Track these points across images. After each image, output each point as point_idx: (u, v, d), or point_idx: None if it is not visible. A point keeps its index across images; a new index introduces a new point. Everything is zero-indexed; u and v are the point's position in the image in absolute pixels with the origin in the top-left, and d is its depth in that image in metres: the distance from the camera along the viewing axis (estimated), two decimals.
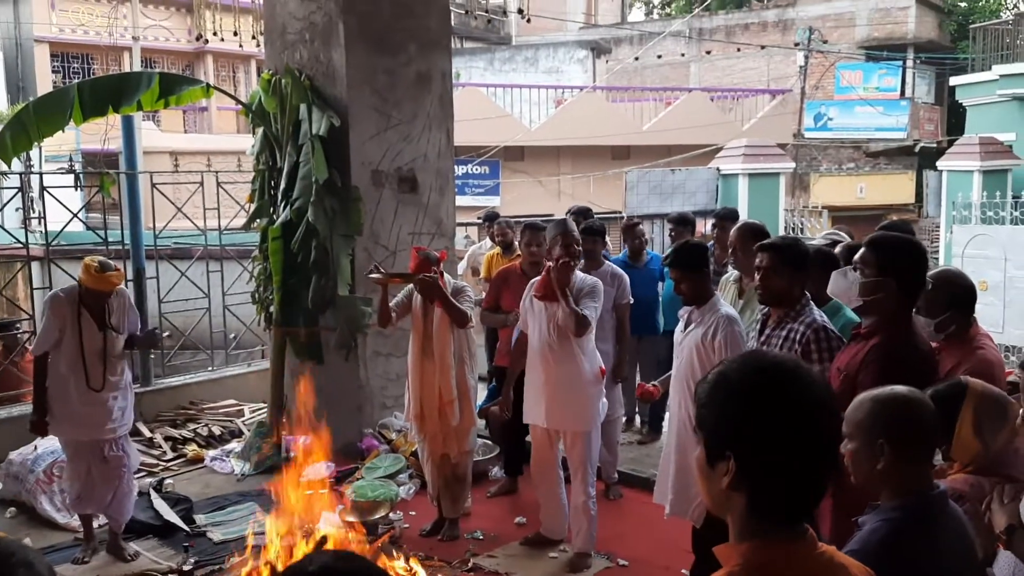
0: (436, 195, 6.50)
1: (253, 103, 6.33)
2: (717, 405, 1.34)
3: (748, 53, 23.53)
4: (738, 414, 1.31)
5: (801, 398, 1.29)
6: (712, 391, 1.36)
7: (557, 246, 4.40)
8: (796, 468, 1.29)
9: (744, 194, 11.14)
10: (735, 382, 1.34)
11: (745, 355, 1.45)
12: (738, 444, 1.30)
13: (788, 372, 1.32)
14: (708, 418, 1.37)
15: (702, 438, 1.38)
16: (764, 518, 1.31)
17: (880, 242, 2.96)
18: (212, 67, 22.97)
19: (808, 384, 1.31)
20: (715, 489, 1.35)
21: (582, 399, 4.39)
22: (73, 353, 4.40)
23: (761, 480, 1.30)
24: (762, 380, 1.31)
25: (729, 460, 1.31)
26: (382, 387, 6.26)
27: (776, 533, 1.31)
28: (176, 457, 6.13)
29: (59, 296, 4.48)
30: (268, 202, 6.27)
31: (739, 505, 1.33)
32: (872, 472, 1.88)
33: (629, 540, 4.78)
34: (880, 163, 21.59)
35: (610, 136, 18.18)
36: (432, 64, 6.39)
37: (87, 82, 5.91)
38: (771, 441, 1.28)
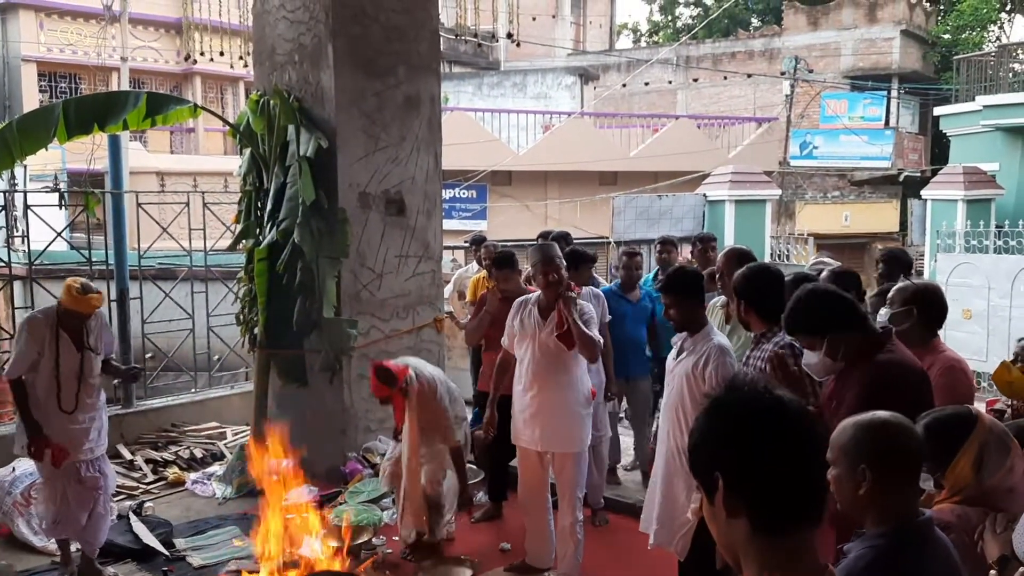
0: (424, 218, 6.49)
1: (241, 124, 6.32)
2: (700, 434, 1.37)
3: (735, 81, 23.82)
4: (715, 433, 1.33)
5: (770, 406, 1.32)
6: (695, 426, 1.39)
7: (538, 274, 4.40)
8: (780, 472, 1.28)
9: (731, 220, 11.22)
10: (711, 407, 1.38)
11: (725, 384, 1.45)
12: (720, 462, 1.31)
13: (758, 389, 1.35)
14: (693, 452, 1.39)
15: (698, 480, 1.37)
16: (770, 539, 1.29)
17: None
18: (200, 88, 23.00)
19: (780, 398, 1.34)
20: (721, 527, 1.34)
21: (573, 421, 4.37)
22: (49, 375, 4.34)
23: (751, 491, 1.29)
24: (732, 398, 1.35)
25: (718, 481, 1.30)
26: (366, 410, 6.20)
27: (793, 567, 1.28)
28: (157, 480, 6.04)
29: (37, 317, 4.41)
30: (255, 223, 6.23)
31: (743, 534, 1.31)
32: (855, 497, 1.86)
33: (614, 567, 4.73)
34: (865, 192, 21.81)
35: (597, 162, 18.30)
36: (421, 87, 6.40)
37: (72, 100, 5.87)
38: (748, 450, 1.29)
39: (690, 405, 3.65)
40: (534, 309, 4.46)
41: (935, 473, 2.24)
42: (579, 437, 4.40)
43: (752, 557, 1.30)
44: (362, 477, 5.78)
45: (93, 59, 18.89)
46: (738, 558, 1.34)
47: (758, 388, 1.35)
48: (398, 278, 6.35)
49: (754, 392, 1.34)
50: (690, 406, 3.65)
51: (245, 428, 6.67)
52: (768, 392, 1.34)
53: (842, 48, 23.34)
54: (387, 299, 6.28)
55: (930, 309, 3.35)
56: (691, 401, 3.65)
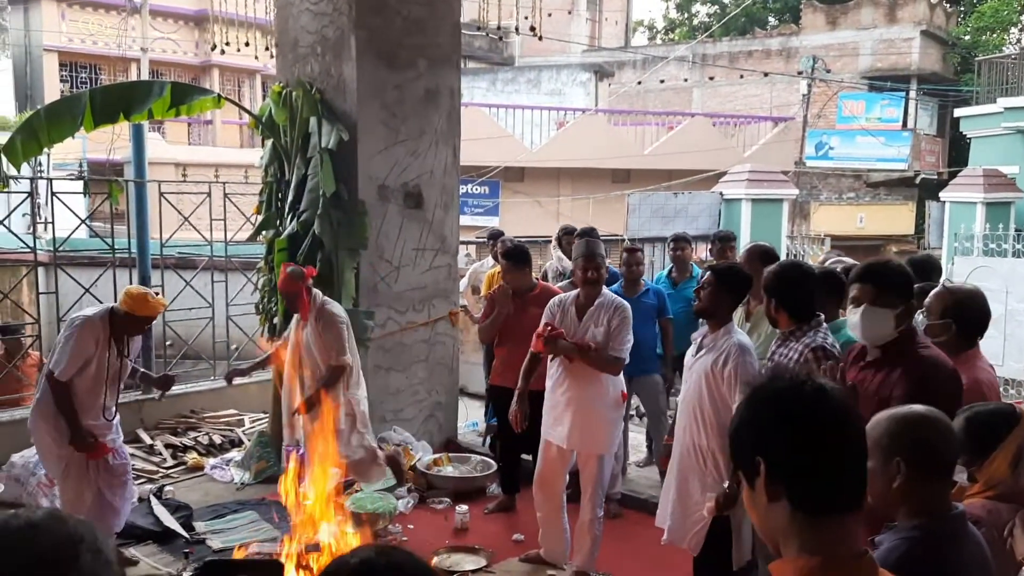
0: (441, 211, 6.54)
1: (263, 115, 6.39)
2: (743, 419, 1.41)
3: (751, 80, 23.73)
4: (758, 418, 1.38)
5: (812, 394, 1.35)
6: (735, 414, 1.44)
7: (578, 269, 4.43)
8: (823, 458, 1.32)
9: (747, 219, 11.20)
10: (752, 395, 1.42)
11: (768, 373, 1.49)
12: (763, 446, 1.35)
13: (800, 376, 1.40)
14: (734, 438, 1.43)
15: (738, 466, 1.41)
16: (811, 519, 1.32)
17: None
18: (218, 80, 23.12)
19: (821, 385, 1.38)
20: (761, 512, 1.37)
21: (603, 422, 4.38)
22: (93, 379, 4.35)
23: (792, 476, 1.32)
24: (776, 385, 1.39)
25: (760, 467, 1.34)
26: (382, 401, 6.27)
27: (831, 548, 1.31)
28: (176, 464, 6.13)
29: (94, 321, 4.35)
30: (275, 214, 6.31)
31: (784, 517, 1.34)
32: (888, 491, 1.87)
33: (629, 561, 4.77)
34: (880, 193, 21.71)
35: (611, 159, 18.30)
36: (441, 81, 6.45)
37: (99, 89, 5.96)
38: (790, 435, 1.33)
39: (708, 403, 3.66)
40: (571, 308, 4.44)
41: (971, 467, 2.26)
42: (606, 440, 4.41)
43: (792, 541, 1.34)
44: None
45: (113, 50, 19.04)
46: (777, 543, 1.37)
47: (802, 377, 1.40)
48: (415, 271, 6.41)
49: (798, 380, 1.39)
50: (708, 404, 3.66)
51: (263, 416, 6.75)
52: (812, 381, 1.38)
53: (860, 48, 23.21)
54: (404, 291, 6.34)
55: (971, 322, 3.20)
56: (709, 399, 3.65)
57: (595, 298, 4.38)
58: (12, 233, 6.38)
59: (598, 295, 4.40)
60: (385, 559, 1.10)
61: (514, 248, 5.56)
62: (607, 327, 4.30)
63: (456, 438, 6.74)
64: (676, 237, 6.56)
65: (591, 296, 4.39)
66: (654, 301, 5.76)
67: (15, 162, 5.67)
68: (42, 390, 4.41)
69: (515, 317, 5.28)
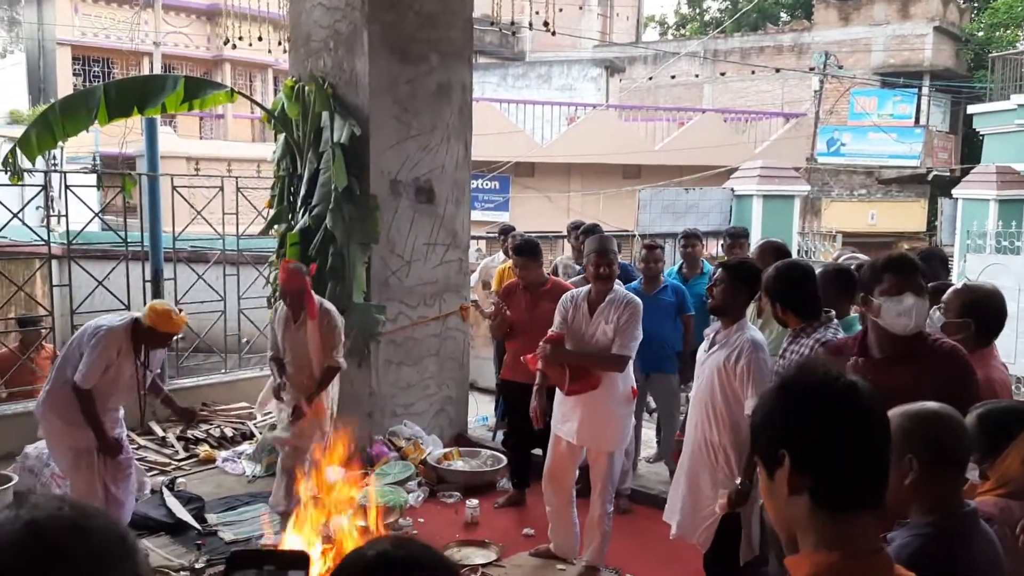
0: (452, 206, 6.55)
1: (276, 109, 6.41)
2: (766, 412, 1.41)
3: (763, 76, 23.64)
4: (786, 410, 1.37)
5: (843, 390, 1.35)
6: (761, 405, 1.44)
7: (590, 264, 4.44)
8: (847, 452, 1.32)
9: (758, 215, 11.18)
10: (781, 387, 1.42)
11: (797, 366, 1.49)
12: (789, 438, 1.35)
13: (832, 371, 1.39)
14: (759, 429, 1.43)
15: (759, 456, 1.42)
16: (831, 514, 1.32)
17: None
18: (230, 75, 23.18)
19: (852, 381, 1.37)
20: (779, 503, 1.37)
21: (612, 419, 4.38)
22: (109, 383, 4.36)
23: (816, 470, 1.32)
24: (807, 378, 1.39)
25: (783, 459, 1.34)
26: (392, 395, 6.29)
27: (850, 544, 1.31)
28: (188, 457, 6.17)
29: (117, 331, 4.36)
30: (287, 208, 6.33)
31: (803, 510, 1.34)
32: (900, 487, 1.87)
33: (639, 556, 4.77)
34: (892, 190, 21.62)
35: (621, 154, 18.26)
36: (453, 75, 6.45)
37: (113, 83, 6.00)
38: (820, 429, 1.33)
39: (720, 399, 3.65)
40: (583, 304, 4.44)
41: (982, 464, 2.25)
42: (616, 437, 4.40)
43: (810, 534, 1.34)
44: (388, 460, 5.86)
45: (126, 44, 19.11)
46: (794, 535, 1.37)
47: (830, 371, 1.39)
48: (426, 265, 6.42)
49: (827, 374, 1.38)
50: (720, 400, 3.66)
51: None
52: (842, 376, 1.38)
53: (873, 44, 23.10)
54: (415, 286, 6.36)
55: (989, 321, 3.20)
56: (721, 395, 3.65)
57: (607, 294, 4.38)
58: (26, 226, 6.42)
59: (610, 291, 4.40)
60: (403, 551, 1.10)
61: (525, 242, 5.56)
62: (616, 323, 4.30)
63: (466, 432, 6.76)
64: (687, 233, 6.54)
65: (603, 292, 4.39)
66: (673, 298, 5.71)
67: (30, 155, 5.71)
68: (53, 384, 4.42)
69: (527, 312, 5.29)
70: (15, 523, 0.90)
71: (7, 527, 0.89)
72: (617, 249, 4.63)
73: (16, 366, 6.32)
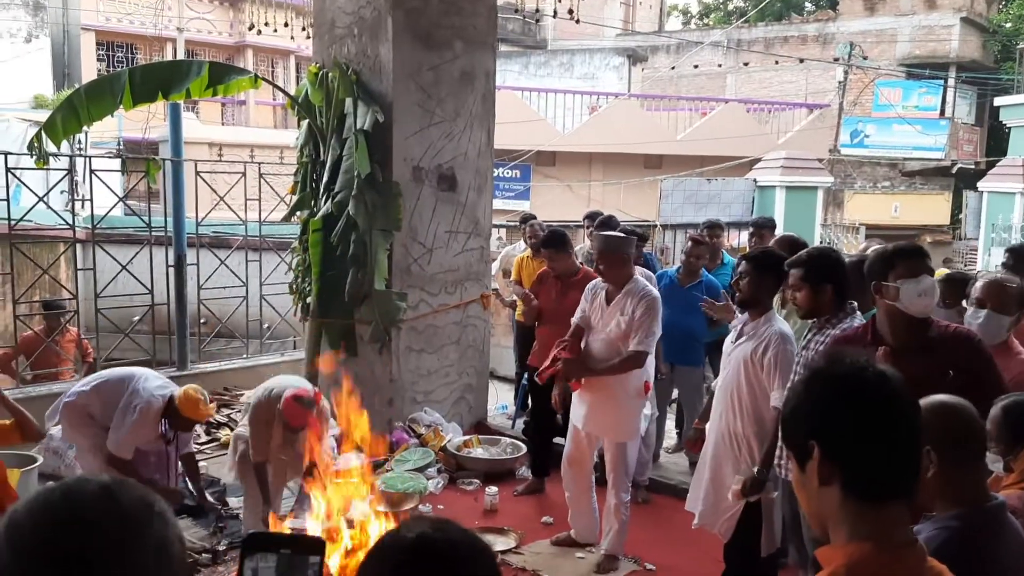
0: (474, 194, 6.54)
1: (300, 96, 6.41)
2: (795, 404, 1.40)
3: (786, 66, 23.43)
4: (816, 400, 1.36)
5: (874, 379, 1.33)
6: (790, 397, 1.42)
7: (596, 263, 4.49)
8: (879, 443, 1.30)
9: (781, 206, 11.09)
10: (810, 377, 1.40)
11: (827, 356, 1.47)
12: (820, 429, 1.33)
13: (861, 361, 1.37)
14: (788, 420, 1.41)
15: (790, 448, 1.40)
16: (863, 505, 1.30)
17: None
18: (252, 61, 23.24)
19: (882, 370, 1.35)
20: (811, 495, 1.36)
21: (623, 411, 4.38)
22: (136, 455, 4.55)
23: (848, 461, 1.31)
24: (837, 368, 1.37)
25: (813, 450, 1.33)
26: (413, 382, 6.31)
27: (882, 535, 1.29)
28: (210, 441, 6.22)
29: (154, 407, 4.53)
30: (310, 194, 6.34)
31: (835, 502, 1.32)
32: (923, 481, 1.87)
33: (658, 545, 4.77)
34: (916, 183, 21.39)
35: (643, 144, 18.17)
36: (476, 62, 6.43)
37: (138, 68, 6.01)
38: (850, 419, 1.31)
39: (745, 390, 3.63)
40: (602, 293, 4.46)
41: (1007, 456, 2.24)
42: (628, 428, 4.40)
43: (842, 526, 1.32)
44: (408, 446, 5.88)
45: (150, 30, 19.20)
46: (826, 526, 1.36)
47: (861, 362, 1.37)
48: (447, 253, 6.42)
49: (858, 364, 1.36)
50: (745, 391, 3.64)
51: None
52: (872, 365, 1.36)
53: (899, 35, 22.81)
54: (436, 274, 6.36)
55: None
56: (747, 386, 3.63)
57: (623, 285, 4.37)
58: (51, 210, 6.47)
59: (625, 282, 4.38)
60: (441, 534, 1.09)
61: (551, 234, 5.53)
62: (631, 316, 4.29)
63: (486, 420, 6.77)
64: (709, 223, 6.50)
65: (618, 283, 4.39)
66: (705, 293, 5.60)
67: (55, 139, 5.75)
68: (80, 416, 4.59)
69: (557, 301, 5.30)
70: (52, 494, 0.97)
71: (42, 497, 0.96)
72: (632, 242, 4.61)
73: (40, 348, 6.39)
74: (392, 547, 1.10)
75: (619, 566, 4.47)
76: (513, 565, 4.48)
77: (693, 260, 5.72)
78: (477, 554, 1.10)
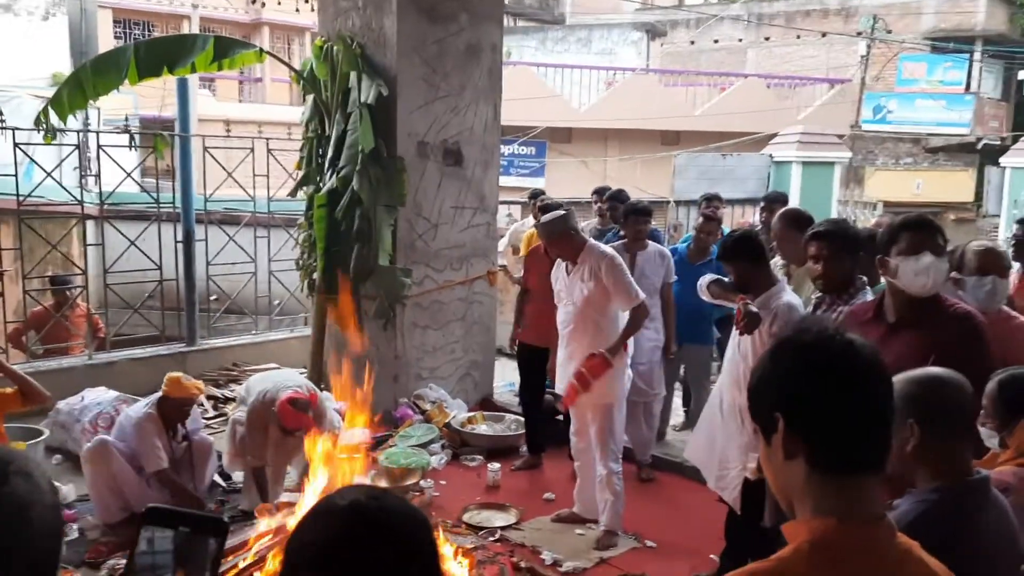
0: (480, 170, 6.49)
1: (305, 70, 6.37)
2: (763, 372, 1.35)
3: (808, 40, 23.03)
4: (780, 371, 1.31)
5: (840, 348, 1.29)
6: (755, 368, 1.38)
7: None
8: (843, 414, 1.25)
9: (797, 182, 10.93)
10: (778, 346, 1.36)
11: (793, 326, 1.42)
12: (783, 400, 1.29)
13: (829, 330, 1.32)
14: (754, 392, 1.37)
15: (755, 421, 1.36)
16: (827, 478, 1.26)
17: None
18: (268, 38, 23.23)
19: (850, 338, 1.30)
20: (777, 469, 1.32)
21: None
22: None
23: (811, 433, 1.26)
24: (803, 338, 1.32)
25: (778, 422, 1.28)
26: (418, 358, 6.30)
27: (848, 510, 1.25)
28: (217, 416, 6.25)
29: (146, 419, 4.40)
30: (316, 169, 6.32)
31: (800, 475, 1.28)
32: (903, 454, 1.83)
33: (659, 523, 4.75)
34: (939, 159, 21.01)
35: (661, 120, 17.96)
36: (482, 36, 6.35)
37: (143, 42, 5.99)
38: (813, 389, 1.27)
39: (752, 362, 3.61)
40: (563, 266, 4.56)
41: (1002, 431, 2.19)
42: (610, 390, 4.37)
43: (807, 501, 1.28)
44: (412, 422, 5.89)
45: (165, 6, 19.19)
46: (792, 502, 1.32)
47: (828, 330, 1.32)
48: (453, 229, 6.38)
49: (824, 333, 1.31)
50: (752, 363, 3.61)
51: (303, 370, 6.83)
52: (840, 334, 1.31)
53: (923, 8, 22.32)
54: (441, 249, 6.33)
55: None
56: (754, 358, 3.59)
57: (577, 256, 4.43)
58: (61, 186, 6.49)
59: (578, 252, 4.42)
60: (376, 503, 1.06)
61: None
62: (595, 280, 4.32)
63: (492, 397, 6.76)
64: (708, 196, 6.41)
65: (574, 257, 4.45)
66: (715, 271, 5.57)
67: (61, 114, 5.75)
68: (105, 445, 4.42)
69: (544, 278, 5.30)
70: None
71: None
72: (569, 215, 4.57)
73: (50, 323, 6.45)
74: (323, 513, 1.07)
75: (618, 542, 4.45)
76: (512, 541, 4.47)
77: (703, 236, 5.66)
78: (412, 524, 1.07)
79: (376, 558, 1.02)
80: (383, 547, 1.02)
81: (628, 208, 5.54)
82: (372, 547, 1.02)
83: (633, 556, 4.38)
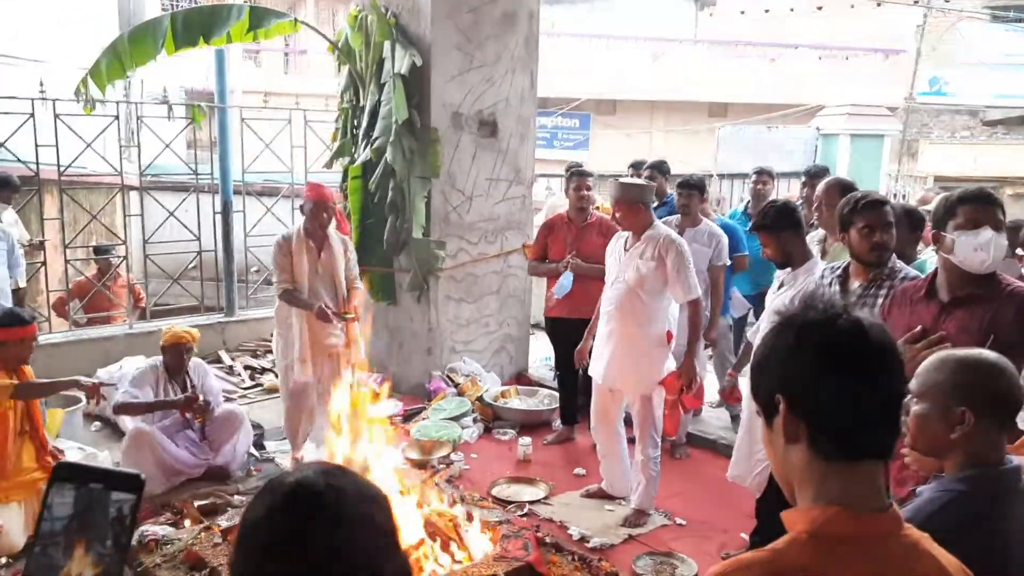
0: (516, 141, 6.40)
1: (340, 40, 6.33)
2: (765, 352, 1.27)
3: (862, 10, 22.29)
4: (782, 350, 1.23)
5: (845, 327, 1.20)
6: (759, 347, 1.30)
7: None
8: (848, 397, 1.17)
9: (845, 155, 10.61)
10: (781, 325, 1.26)
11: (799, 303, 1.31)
12: (784, 381, 1.21)
13: (836, 307, 1.23)
14: (755, 372, 1.29)
15: (757, 403, 1.28)
16: (830, 464, 1.19)
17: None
18: (313, 9, 23.24)
19: (858, 318, 1.21)
20: (778, 453, 1.25)
21: (644, 361, 4.27)
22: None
23: (813, 416, 1.19)
24: (807, 316, 1.23)
25: (779, 405, 1.21)
26: (452, 331, 6.28)
27: (850, 498, 1.18)
28: (254, 386, 6.33)
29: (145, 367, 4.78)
30: (350, 141, 6.30)
31: (801, 461, 1.21)
32: (942, 440, 1.72)
33: (690, 500, 4.68)
34: (998, 132, 20.29)
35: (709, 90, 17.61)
36: (519, 3, 6.23)
37: (180, 13, 6.00)
38: (815, 370, 1.19)
39: None
40: (620, 242, 4.39)
41: None
42: (651, 380, 4.27)
43: (808, 487, 1.21)
44: (445, 395, 5.88)
45: None
46: (793, 487, 1.25)
47: (836, 308, 1.23)
48: (488, 201, 6.32)
49: (831, 312, 1.22)
50: None
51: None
52: (847, 312, 1.22)
53: None
54: (476, 222, 6.27)
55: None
56: None
57: (642, 232, 4.26)
58: (101, 157, 6.57)
59: (644, 229, 4.25)
60: (326, 480, 1.02)
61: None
62: (657, 262, 4.18)
63: (527, 371, 6.71)
64: (759, 170, 6.26)
65: (637, 230, 4.28)
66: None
67: (100, 84, 5.81)
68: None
69: (571, 246, 5.27)
70: None
71: None
72: (651, 189, 4.45)
73: (92, 292, 6.56)
74: (269, 489, 1.04)
75: (648, 521, 4.39)
76: (540, 516, 4.44)
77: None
78: (364, 502, 1.03)
79: (302, 529, 0.99)
80: (310, 520, 1.00)
81: (679, 182, 5.43)
82: (300, 518, 1.00)
83: (662, 533, 4.32)
